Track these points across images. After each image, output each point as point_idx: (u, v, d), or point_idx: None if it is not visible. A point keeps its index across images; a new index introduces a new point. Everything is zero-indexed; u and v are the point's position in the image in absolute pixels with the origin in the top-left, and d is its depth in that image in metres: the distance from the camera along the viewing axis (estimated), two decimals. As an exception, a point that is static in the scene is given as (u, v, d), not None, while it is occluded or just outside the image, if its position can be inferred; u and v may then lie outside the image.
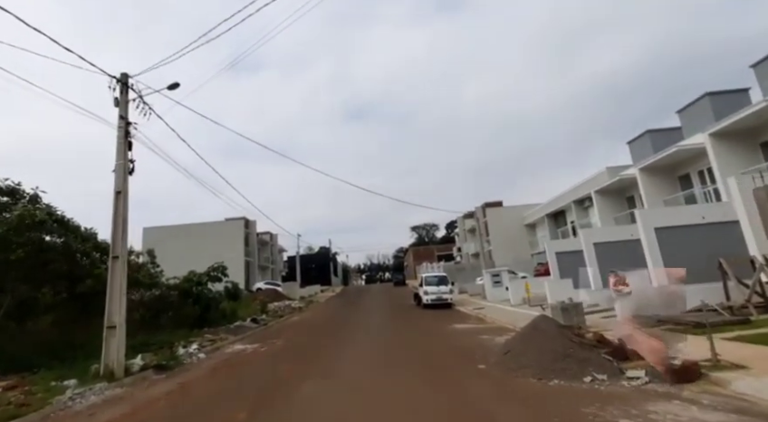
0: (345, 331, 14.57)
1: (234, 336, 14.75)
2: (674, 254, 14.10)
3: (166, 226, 38.40)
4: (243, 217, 38.39)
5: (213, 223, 38.52)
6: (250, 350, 11.59)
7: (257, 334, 15.81)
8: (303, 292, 41.57)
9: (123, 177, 9.18)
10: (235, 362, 9.86)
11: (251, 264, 41.53)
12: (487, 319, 15.79)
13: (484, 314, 16.88)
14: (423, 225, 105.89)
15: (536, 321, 7.75)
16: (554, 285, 15.82)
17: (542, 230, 39.13)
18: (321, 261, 66.31)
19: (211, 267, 17.80)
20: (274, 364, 9.11)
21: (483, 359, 7.87)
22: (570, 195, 31.25)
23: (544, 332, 7.03)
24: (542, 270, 27.32)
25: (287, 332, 15.76)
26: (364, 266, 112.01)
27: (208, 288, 17.51)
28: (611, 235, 19.51)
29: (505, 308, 18.24)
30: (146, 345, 11.62)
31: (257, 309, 23.98)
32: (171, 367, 9.47)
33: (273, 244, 52.13)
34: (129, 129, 9.44)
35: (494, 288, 23.67)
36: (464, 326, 13.92)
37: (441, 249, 76.51)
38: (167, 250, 35.97)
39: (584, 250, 19.13)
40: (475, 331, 12.46)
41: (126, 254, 9.06)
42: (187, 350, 11.22)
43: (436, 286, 22.41)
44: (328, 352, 10.13)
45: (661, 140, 22.09)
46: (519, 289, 19.53)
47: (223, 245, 36.98)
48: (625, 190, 24.39)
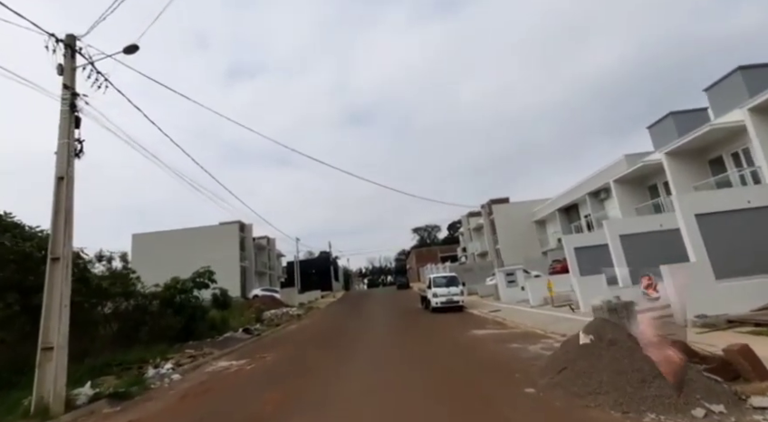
0: (346, 343, 12.69)
1: (219, 350, 12.87)
2: (718, 243, 12.30)
3: (156, 232, 36.51)
4: (237, 221, 36.53)
5: (206, 227, 36.63)
6: (234, 369, 9.71)
7: (247, 347, 13.92)
8: (303, 298, 39.63)
9: (67, 159, 7.36)
10: (211, 386, 7.98)
11: (247, 270, 39.60)
12: (508, 322, 13.93)
13: (503, 317, 15.01)
14: (425, 227, 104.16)
15: (598, 327, 5.88)
16: (584, 283, 13.92)
17: (552, 226, 37.26)
18: (321, 265, 64.36)
19: (197, 273, 15.93)
20: (258, 389, 7.24)
21: (526, 377, 6.02)
22: (584, 187, 29.43)
23: (616, 344, 5.17)
24: (558, 267, 25.43)
25: (281, 344, 13.88)
26: (366, 270, 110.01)
27: (194, 296, 15.64)
28: (638, 226, 17.66)
29: (525, 310, 16.35)
30: (110, 366, 9.77)
31: (251, 317, 22.08)
32: (131, 395, 7.61)
33: (271, 248, 50.19)
34: (77, 101, 7.63)
35: (508, 288, 21.78)
36: (484, 332, 12.04)
37: (444, 250, 74.76)
38: (157, 257, 34.20)
39: (609, 243, 17.27)
40: (500, 339, 10.58)
41: (70, 254, 7.22)
42: (158, 371, 9.35)
43: (445, 287, 20.53)
44: (326, 371, 8.25)
45: (686, 122, 20.30)
46: (539, 288, 17.65)
47: (217, 251, 35.03)
48: (647, 178, 22.57)
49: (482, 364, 7.63)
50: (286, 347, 13.09)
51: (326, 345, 12.30)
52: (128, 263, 13.67)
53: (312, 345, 12.92)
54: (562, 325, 11.04)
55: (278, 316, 25.08)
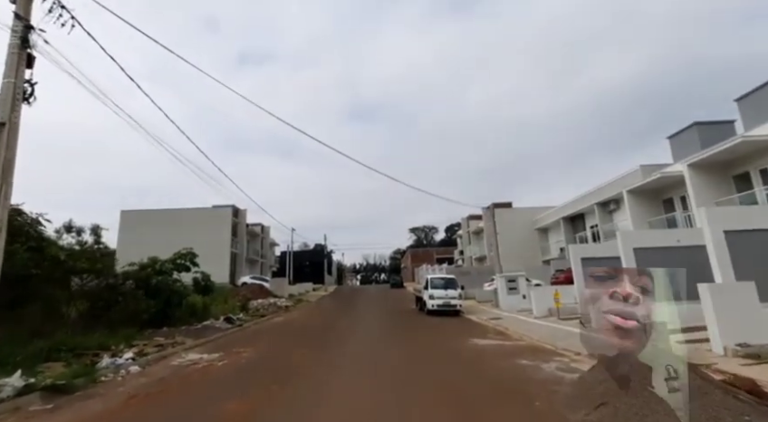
0: (335, 343, 11.51)
1: (193, 340, 11.67)
2: (747, 263, 11.19)
3: (146, 210, 35.21)
4: (231, 205, 35.30)
5: (198, 209, 35.36)
6: (203, 364, 8.52)
7: (226, 338, 12.73)
8: (293, 289, 38.46)
9: (12, 102, 6.13)
10: (169, 385, 6.79)
11: (238, 257, 38.40)
12: (511, 333, 12.77)
13: (505, 327, 13.86)
14: (422, 227, 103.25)
15: None
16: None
17: (555, 235, 36.18)
18: (315, 258, 63.23)
19: (177, 254, 14.71)
20: (223, 395, 6.05)
21: (550, 409, 4.86)
22: (592, 196, 28.31)
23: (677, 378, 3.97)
24: (561, 277, 24.27)
25: (263, 338, 12.69)
26: (360, 266, 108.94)
27: (174, 279, 14.43)
28: (654, 240, 16.49)
29: (529, 320, 15.21)
30: (60, 351, 8.56)
31: (236, 306, 20.88)
32: (73, 389, 6.41)
33: (265, 236, 48.97)
34: (31, 35, 6.39)
35: (509, 295, 20.65)
36: (487, 342, 10.88)
37: (440, 252, 73.84)
38: (146, 236, 32.91)
39: (622, 256, 16.09)
40: (505, 352, 9.43)
41: (5, 216, 5.99)
42: (114, 361, 8.15)
43: (443, 290, 19.38)
44: (307, 379, 7.08)
45: (711, 134, 19.17)
46: (543, 298, 16.50)
47: (208, 234, 33.82)
48: (662, 191, 21.44)
49: (491, 385, 6.46)
50: (267, 342, 11.91)
51: (311, 344, 11.11)
52: (99, 236, 12.47)
53: (295, 342, 11.74)
54: (575, 341, 9.85)
55: (265, 306, 23.92)
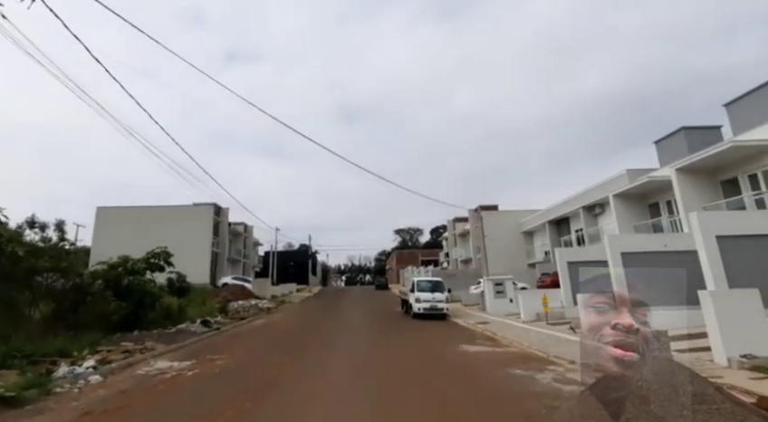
0: (317, 348, 10.92)
1: (165, 345, 10.91)
2: (741, 269, 11.14)
3: (123, 207, 33.73)
4: (213, 204, 34.17)
5: (178, 207, 34.08)
6: (171, 374, 7.83)
7: (200, 343, 11.99)
8: (277, 290, 37.52)
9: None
10: (129, 400, 6.12)
11: (219, 256, 37.22)
12: (500, 338, 12.40)
13: (494, 332, 13.49)
14: (407, 229, 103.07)
15: (660, 370, 4.32)
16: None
17: (541, 238, 36.25)
18: (299, 258, 62.15)
19: (151, 252, 13.87)
20: (188, 413, 5.42)
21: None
22: (578, 200, 28.38)
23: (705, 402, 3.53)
24: (547, 281, 24.18)
25: (240, 344, 11.99)
26: (345, 267, 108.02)
27: (148, 279, 13.57)
28: (641, 245, 16.45)
29: (517, 325, 14.91)
30: (15, 357, 7.75)
31: (215, 308, 20.03)
32: (22, 401, 5.70)
33: (248, 236, 47.76)
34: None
35: (496, 299, 20.38)
36: (476, 349, 10.46)
37: (425, 254, 73.73)
38: (123, 233, 31.57)
39: (609, 260, 15.99)
40: (497, 360, 9.02)
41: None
42: (73, 370, 7.39)
43: (429, 293, 18.96)
44: (286, 392, 6.49)
45: (698, 139, 19.30)
46: (532, 302, 16.23)
47: (188, 233, 32.64)
48: (648, 196, 21.52)
49: (485, 400, 6.01)
50: (245, 347, 11.23)
51: (292, 350, 10.49)
52: (64, 232, 11.61)
53: (275, 348, 11.09)
54: (567, 349, 9.54)
55: (246, 308, 23.05)
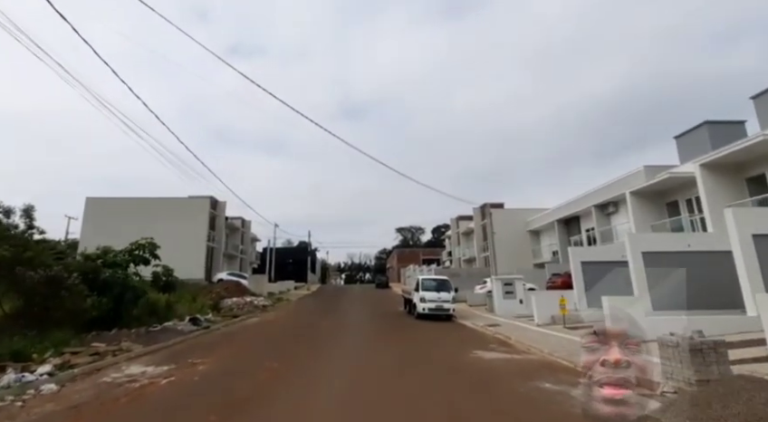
0: (311, 352, 9.80)
1: (144, 346, 9.78)
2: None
3: (115, 198, 32.52)
4: (209, 196, 33.00)
5: (173, 199, 32.91)
6: (142, 383, 6.69)
7: (185, 344, 10.87)
8: (274, 287, 36.43)
9: None
10: (81, 417, 4.98)
11: (215, 251, 36.07)
12: (514, 343, 11.25)
13: (507, 336, 12.34)
14: (409, 228, 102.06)
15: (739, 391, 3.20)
16: (618, 304, 11.30)
17: (548, 238, 35.08)
18: (298, 256, 61.05)
19: (135, 243, 12.75)
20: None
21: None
22: (590, 198, 27.20)
23: None
24: (558, 281, 23.01)
25: (229, 345, 10.87)
26: (344, 265, 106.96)
27: (127, 273, 12.45)
28: (664, 244, 15.35)
29: (531, 328, 13.76)
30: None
31: (207, 305, 18.92)
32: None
33: (246, 231, 46.61)
34: None
35: (505, 300, 19.24)
36: (492, 356, 9.31)
37: (427, 253, 72.68)
38: (114, 226, 30.25)
39: (630, 260, 14.88)
40: (519, 370, 7.88)
41: None
42: (21, 377, 6.25)
43: (435, 292, 17.82)
44: (267, 406, 5.35)
45: (722, 134, 18.13)
46: (546, 304, 15.08)
47: (183, 226, 31.52)
48: (667, 194, 20.34)
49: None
50: (234, 350, 10.10)
51: (285, 355, 9.36)
52: (32, 219, 10.44)
53: (266, 351, 9.96)
54: (597, 358, 8.38)
55: (240, 305, 21.95)
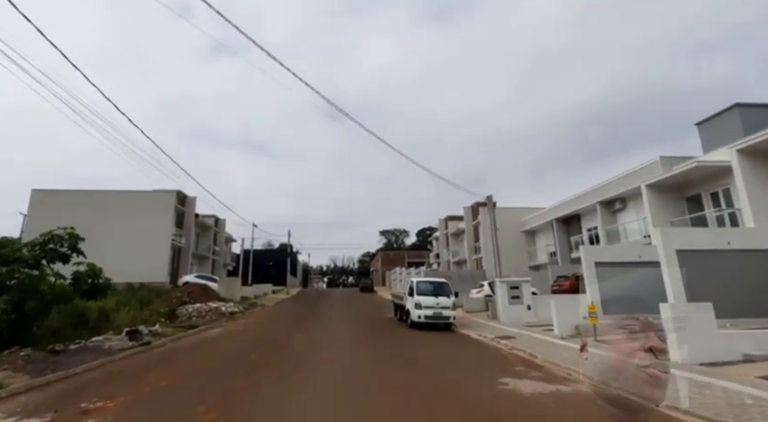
0: (277, 380, 6.98)
1: (32, 378, 6.75)
2: None
3: (66, 190, 28.65)
4: (176, 191, 29.56)
5: (133, 193, 29.25)
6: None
7: (101, 371, 7.86)
8: (249, 291, 33.10)
9: None
10: None
11: (182, 251, 32.52)
12: (543, 364, 8.66)
13: (530, 353, 9.75)
14: (393, 230, 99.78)
15: None
16: (680, 312, 8.82)
17: (544, 238, 33.06)
18: (278, 258, 57.49)
19: (47, 234, 9.66)
20: None
21: None
22: (593, 195, 25.15)
23: None
24: (565, 285, 20.74)
25: (164, 371, 7.91)
26: (327, 268, 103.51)
27: (32, 274, 9.34)
28: (700, 242, 13.18)
29: (554, 341, 11.24)
30: None
31: (160, 312, 15.76)
32: None
33: (219, 231, 43.01)
34: None
35: (511, 305, 16.75)
36: (529, 387, 6.66)
37: (412, 255, 70.52)
38: (64, 222, 26.72)
39: (662, 260, 12.62)
40: (584, 417, 5.26)
41: None
42: None
43: (433, 297, 15.20)
44: None
45: (756, 117, 16.20)
46: (568, 311, 12.61)
47: (144, 223, 28.02)
48: (687, 187, 18.31)
49: None
50: (168, 379, 7.16)
51: (236, 390, 6.50)
52: None
53: (214, 381, 7.07)
54: (686, 390, 5.92)
55: (202, 313, 18.79)
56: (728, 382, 6.32)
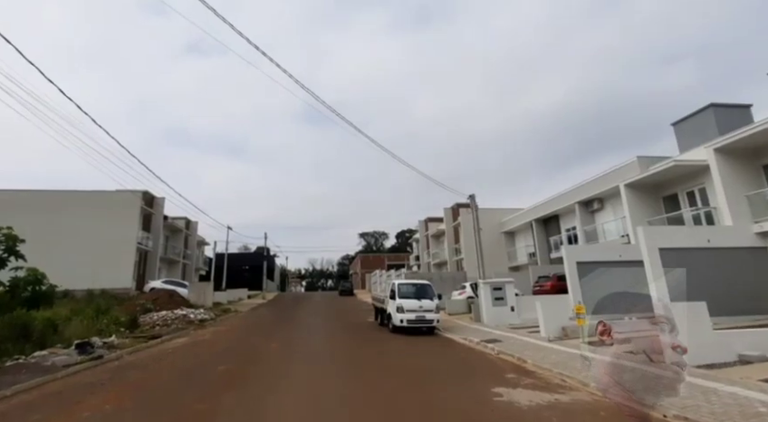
0: (246, 398, 6.13)
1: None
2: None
3: (17, 191, 26.35)
4: (143, 191, 27.82)
5: (95, 193, 27.24)
6: None
7: (35, 394, 6.77)
8: (222, 296, 31.63)
9: None
10: None
11: (149, 255, 30.70)
12: (534, 369, 8.15)
13: (518, 357, 9.24)
14: (372, 233, 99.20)
15: None
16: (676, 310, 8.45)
17: (524, 239, 33.11)
18: (254, 261, 55.65)
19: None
20: None
21: None
22: (572, 195, 25.24)
23: None
24: (547, 285, 20.56)
25: (112, 392, 6.90)
26: (306, 272, 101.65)
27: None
28: (682, 240, 13.17)
29: (543, 344, 10.79)
30: None
31: (117, 321, 14.44)
32: None
33: (191, 234, 41.07)
34: None
35: (494, 307, 16.32)
36: (525, 397, 6.09)
37: (392, 258, 70.19)
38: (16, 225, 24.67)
39: (645, 259, 12.55)
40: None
41: None
42: None
43: (415, 300, 14.56)
44: None
45: (729, 118, 16.48)
46: (555, 312, 12.21)
47: (106, 225, 26.19)
48: (664, 186, 18.44)
49: None
50: (119, 400, 6.19)
51: (202, 406, 5.62)
52: None
53: (176, 399, 6.16)
54: (695, 397, 5.48)
55: (168, 321, 17.48)
56: (734, 387, 5.93)
